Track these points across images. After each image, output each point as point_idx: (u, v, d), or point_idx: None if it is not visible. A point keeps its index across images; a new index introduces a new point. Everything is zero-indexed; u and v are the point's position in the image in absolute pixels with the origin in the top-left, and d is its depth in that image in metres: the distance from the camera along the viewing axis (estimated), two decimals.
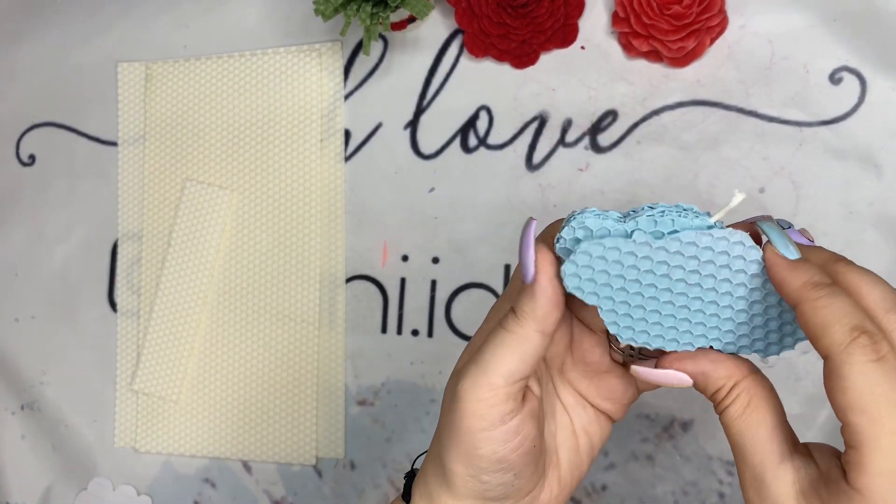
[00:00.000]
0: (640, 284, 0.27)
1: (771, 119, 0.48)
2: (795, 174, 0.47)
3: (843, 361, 0.23)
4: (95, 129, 0.60)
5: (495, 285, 0.52)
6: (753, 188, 0.48)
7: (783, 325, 0.27)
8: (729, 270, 0.26)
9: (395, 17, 0.52)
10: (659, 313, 0.27)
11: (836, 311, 0.23)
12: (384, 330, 0.54)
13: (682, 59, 0.48)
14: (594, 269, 0.27)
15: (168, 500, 0.58)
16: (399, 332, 0.54)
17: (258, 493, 0.56)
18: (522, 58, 0.51)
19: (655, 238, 0.26)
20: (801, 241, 0.27)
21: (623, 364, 0.33)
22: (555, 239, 0.28)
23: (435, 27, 0.53)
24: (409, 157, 0.54)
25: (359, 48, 0.55)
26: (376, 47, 0.54)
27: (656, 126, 0.49)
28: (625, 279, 0.27)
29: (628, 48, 0.49)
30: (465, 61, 0.53)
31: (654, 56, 0.49)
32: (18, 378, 0.61)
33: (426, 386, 0.53)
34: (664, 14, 0.46)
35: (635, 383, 0.34)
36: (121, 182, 0.59)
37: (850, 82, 0.46)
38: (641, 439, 0.49)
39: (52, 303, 0.61)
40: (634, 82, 0.50)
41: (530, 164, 0.52)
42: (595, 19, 0.50)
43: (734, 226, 0.28)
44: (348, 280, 0.55)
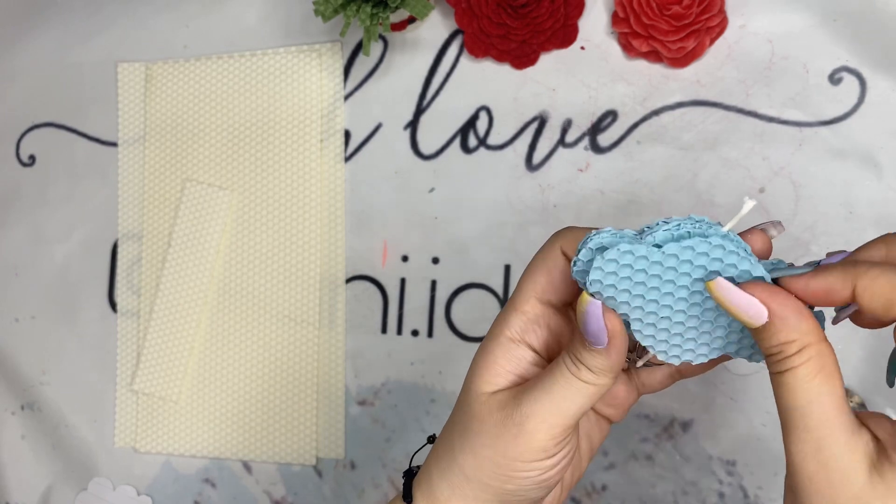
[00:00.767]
0: (659, 292, 0.27)
1: (771, 119, 0.48)
2: (795, 174, 0.47)
3: None
4: (95, 129, 0.60)
5: (495, 285, 0.52)
6: (753, 188, 0.48)
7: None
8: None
9: (394, 18, 0.52)
10: (669, 320, 0.28)
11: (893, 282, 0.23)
12: (384, 330, 0.54)
13: (681, 59, 0.48)
14: (619, 276, 0.27)
15: (168, 500, 0.58)
16: (399, 332, 0.54)
17: (258, 493, 0.56)
18: (522, 58, 0.51)
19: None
20: (835, 257, 0.27)
21: (625, 370, 0.33)
22: (572, 263, 0.28)
23: (435, 27, 0.53)
24: (409, 157, 0.54)
25: (359, 48, 0.55)
26: (376, 48, 0.54)
27: (656, 126, 0.49)
28: (646, 286, 0.27)
29: (628, 48, 0.49)
30: (465, 61, 0.53)
31: (654, 56, 0.49)
32: (18, 378, 0.61)
33: (426, 386, 0.53)
34: (664, 14, 0.46)
35: (636, 387, 0.34)
36: (121, 182, 0.59)
37: (850, 82, 0.46)
38: (641, 439, 0.49)
39: (52, 303, 0.61)
40: (634, 82, 0.50)
41: (530, 165, 0.52)
42: (595, 19, 0.50)
43: (744, 234, 0.28)
44: (348, 280, 0.55)
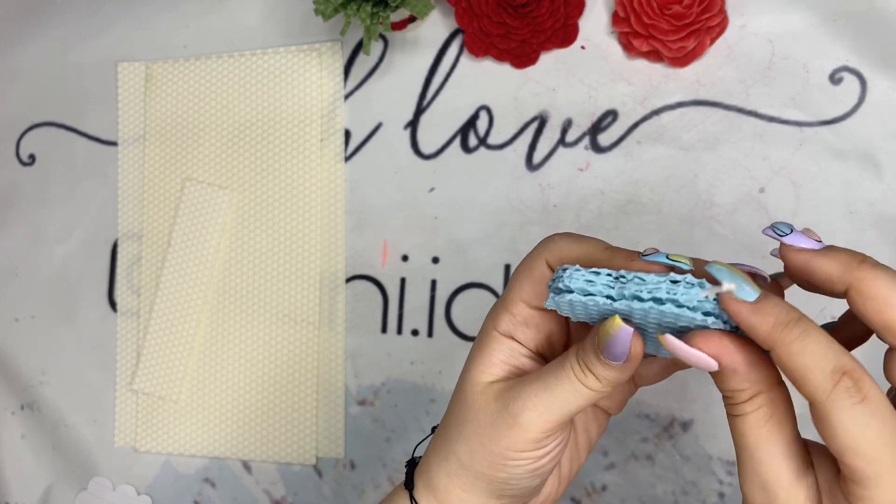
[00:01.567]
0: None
1: (771, 119, 0.48)
2: (795, 174, 0.47)
3: (829, 409, 0.22)
4: (95, 128, 0.60)
5: (495, 285, 0.52)
6: (753, 188, 0.48)
7: None
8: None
9: (395, 17, 0.52)
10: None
11: (812, 356, 0.23)
12: (384, 330, 0.54)
13: (682, 59, 0.48)
14: (577, 313, 0.28)
15: (168, 499, 0.58)
16: (399, 331, 0.54)
17: (258, 493, 0.56)
18: (522, 58, 0.51)
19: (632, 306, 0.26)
20: (809, 243, 0.25)
21: None
22: (548, 283, 0.28)
23: (435, 27, 0.53)
24: (410, 156, 0.54)
25: (359, 48, 0.55)
26: (376, 47, 0.54)
27: (656, 126, 0.49)
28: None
29: (628, 48, 0.49)
30: (466, 61, 0.53)
31: (654, 56, 0.49)
32: (18, 378, 0.61)
33: (426, 386, 0.53)
34: (664, 14, 0.46)
35: (633, 379, 0.34)
36: (121, 182, 0.59)
37: (850, 82, 0.46)
38: (641, 439, 0.49)
39: (52, 303, 0.61)
40: (634, 82, 0.50)
41: (530, 164, 0.52)
42: (595, 19, 0.50)
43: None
44: (348, 280, 0.55)
